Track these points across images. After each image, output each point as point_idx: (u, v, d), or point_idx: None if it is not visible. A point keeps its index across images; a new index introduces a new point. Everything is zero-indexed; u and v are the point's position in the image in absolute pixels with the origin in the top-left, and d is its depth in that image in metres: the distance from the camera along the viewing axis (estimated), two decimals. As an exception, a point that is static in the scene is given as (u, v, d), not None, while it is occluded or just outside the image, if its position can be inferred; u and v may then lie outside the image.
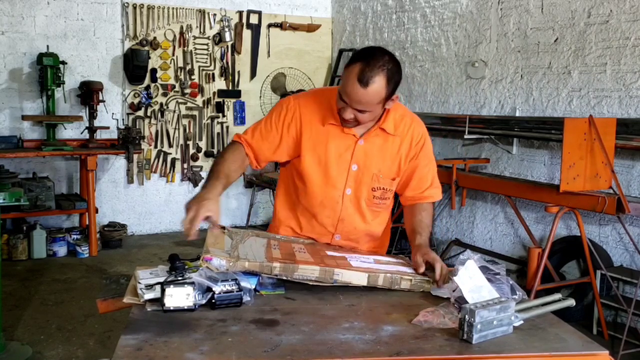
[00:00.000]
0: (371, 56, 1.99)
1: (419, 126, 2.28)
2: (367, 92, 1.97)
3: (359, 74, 1.96)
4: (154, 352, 1.47)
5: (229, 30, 6.96)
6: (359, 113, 2.05)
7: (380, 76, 1.97)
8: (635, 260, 4.34)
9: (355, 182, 2.22)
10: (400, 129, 2.23)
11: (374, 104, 2.02)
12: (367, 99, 1.99)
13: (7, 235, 5.73)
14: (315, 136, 2.20)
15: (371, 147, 2.20)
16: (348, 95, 2.01)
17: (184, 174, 6.96)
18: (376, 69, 1.96)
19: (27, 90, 6.14)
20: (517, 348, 1.56)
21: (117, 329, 3.85)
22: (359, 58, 2.00)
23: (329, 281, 1.89)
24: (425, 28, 6.19)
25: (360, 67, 1.97)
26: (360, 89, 1.97)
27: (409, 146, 2.24)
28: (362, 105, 2.02)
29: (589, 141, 3.92)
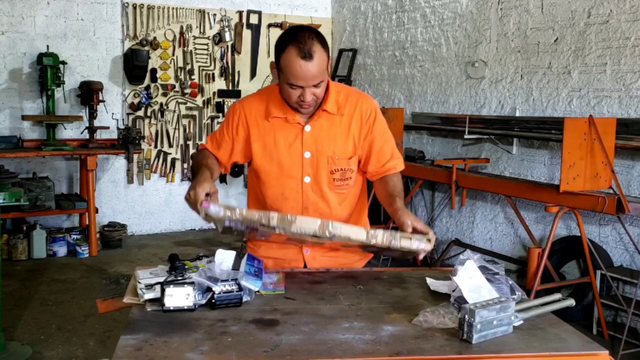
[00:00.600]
0: (296, 34, 2.04)
1: (366, 102, 2.27)
2: (316, 62, 2.01)
3: (299, 53, 2.00)
4: (154, 352, 1.47)
5: (229, 30, 6.96)
6: (316, 89, 2.08)
7: (316, 43, 2.02)
8: (635, 260, 4.34)
9: (312, 168, 2.22)
10: (347, 109, 2.23)
11: (323, 71, 2.07)
12: (318, 69, 2.03)
13: (7, 235, 5.73)
14: (263, 131, 2.24)
15: (319, 131, 2.21)
16: (300, 77, 2.03)
17: (184, 174, 6.96)
18: (309, 40, 2.01)
19: (27, 90, 6.14)
20: (517, 348, 1.56)
21: (117, 329, 3.85)
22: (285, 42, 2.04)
23: (327, 236, 1.87)
24: (425, 28, 6.19)
25: (295, 47, 2.01)
26: (308, 63, 2.01)
27: (359, 124, 2.23)
28: (317, 77, 2.05)
29: (589, 141, 3.92)
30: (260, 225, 1.88)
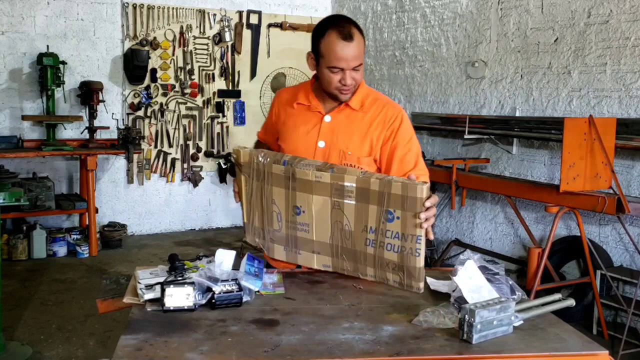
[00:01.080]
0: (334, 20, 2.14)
1: (393, 108, 2.28)
2: (357, 43, 2.10)
3: (340, 35, 2.08)
4: (154, 352, 1.47)
5: (229, 30, 6.96)
6: (356, 72, 2.14)
7: (353, 27, 2.12)
8: (635, 260, 4.34)
9: (323, 158, 2.22)
10: (372, 111, 2.25)
11: (362, 53, 2.14)
12: (359, 50, 2.11)
13: (7, 235, 5.73)
14: (287, 116, 2.33)
15: (337, 124, 2.23)
16: (343, 58, 2.10)
17: (184, 174, 6.96)
18: (346, 23, 2.11)
19: (27, 90, 6.14)
20: (517, 348, 1.56)
21: (117, 329, 3.86)
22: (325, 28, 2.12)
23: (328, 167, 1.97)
24: (425, 28, 6.19)
25: (336, 29, 2.09)
26: (350, 44, 2.09)
27: (381, 127, 2.23)
28: (358, 58, 2.12)
29: (589, 141, 3.92)
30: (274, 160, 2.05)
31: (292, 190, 2.02)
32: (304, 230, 2.02)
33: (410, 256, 1.83)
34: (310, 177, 1.97)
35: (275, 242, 2.09)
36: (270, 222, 2.09)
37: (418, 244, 1.82)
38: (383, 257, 1.89)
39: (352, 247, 1.95)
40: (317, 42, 2.13)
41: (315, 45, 2.14)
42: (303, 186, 1.99)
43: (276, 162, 2.04)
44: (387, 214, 1.86)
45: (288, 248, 2.07)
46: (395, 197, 1.84)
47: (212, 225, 7.20)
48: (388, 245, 1.87)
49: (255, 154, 2.09)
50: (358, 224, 1.93)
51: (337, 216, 1.96)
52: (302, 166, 2.00)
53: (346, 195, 1.93)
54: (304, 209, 2.00)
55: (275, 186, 2.05)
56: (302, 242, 2.04)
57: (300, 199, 2.01)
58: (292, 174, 2.00)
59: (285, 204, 2.04)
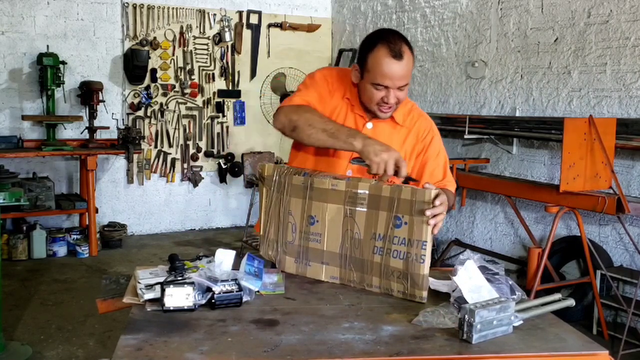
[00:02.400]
0: (386, 34, 2.05)
1: (425, 121, 2.28)
2: (406, 62, 2.04)
3: (391, 52, 2.01)
4: (154, 352, 1.47)
5: (229, 30, 6.96)
6: (400, 92, 2.08)
7: (404, 46, 2.05)
8: (635, 260, 4.34)
9: (358, 166, 2.20)
10: (408, 121, 2.24)
11: (410, 73, 2.08)
12: (406, 69, 2.05)
13: (7, 235, 5.73)
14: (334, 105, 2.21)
15: (378, 133, 2.18)
16: (389, 76, 2.03)
17: (184, 174, 6.96)
18: (398, 40, 2.04)
19: (27, 90, 6.14)
20: (517, 348, 1.56)
21: (117, 329, 3.85)
22: (375, 42, 2.04)
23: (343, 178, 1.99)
24: (425, 28, 6.19)
25: (386, 46, 2.02)
26: (399, 63, 2.02)
27: (415, 140, 2.23)
28: (403, 79, 2.06)
29: (589, 141, 3.92)
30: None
31: (308, 200, 2.05)
32: (315, 240, 2.04)
33: (415, 263, 1.84)
34: (327, 186, 2.01)
35: (287, 254, 2.11)
36: (284, 234, 2.11)
37: (423, 250, 1.82)
38: (389, 265, 1.89)
39: (360, 256, 1.96)
40: (364, 55, 2.05)
41: (362, 58, 2.06)
42: (319, 195, 2.02)
43: (297, 174, 2.08)
44: (396, 219, 1.87)
45: (299, 260, 2.09)
46: (404, 202, 1.86)
47: (212, 225, 7.20)
48: (394, 252, 1.88)
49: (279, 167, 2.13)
50: (367, 232, 1.94)
51: (348, 224, 1.98)
52: (320, 177, 2.04)
53: (359, 203, 1.95)
54: (318, 218, 2.03)
55: (294, 197, 2.08)
56: (312, 253, 2.05)
57: (315, 208, 2.03)
58: (310, 184, 2.03)
59: (301, 214, 2.06)
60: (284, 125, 2.10)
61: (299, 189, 2.07)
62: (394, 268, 1.88)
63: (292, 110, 2.11)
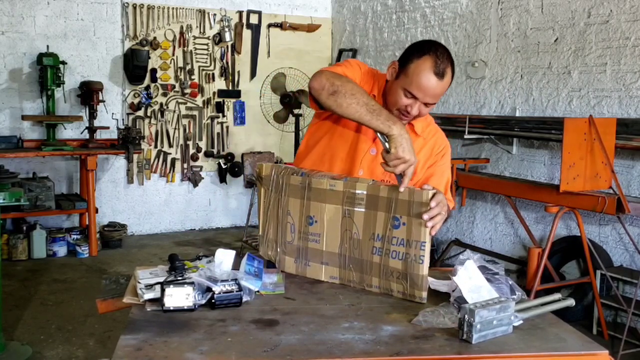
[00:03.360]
0: (436, 48, 2.00)
1: (442, 138, 2.29)
2: (443, 84, 2.01)
3: (435, 68, 1.97)
4: (154, 352, 1.47)
5: (229, 30, 6.96)
6: (424, 108, 2.06)
7: (449, 68, 2.01)
8: (635, 260, 4.34)
9: (368, 166, 2.20)
10: (426, 134, 2.25)
11: (442, 95, 2.06)
12: (442, 90, 2.03)
13: (7, 235, 5.73)
14: None
15: None
16: (423, 89, 2.00)
17: (184, 174, 6.96)
18: (446, 60, 1.99)
19: (27, 90, 6.14)
20: (517, 348, 1.56)
21: (117, 329, 3.85)
22: (423, 51, 2.00)
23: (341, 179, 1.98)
24: (425, 28, 6.18)
25: (433, 60, 1.97)
26: (438, 81, 1.99)
27: (429, 153, 2.24)
28: (436, 98, 2.03)
29: (589, 141, 3.92)
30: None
31: (307, 200, 2.05)
32: (314, 240, 2.05)
33: (414, 263, 1.84)
34: (325, 186, 2.01)
35: (287, 254, 2.11)
36: (284, 234, 2.11)
37: (422, 251, 1.82)
38: (388, 266, 1.89)
39: (359, 257, 1.96)
40: (409, 59, 2.01)
41: (406, 61, 2.03)
42: (317, 195, 2.02)
43: (294, 174, 2.09)
44: (394, 220, 1.87)
45: (299, 260, 2.09)
46: (402, 203, 1.86)
47: (212, 225, 7.20)
48: (393, 252, 1.88)
49: (277, 167, 2.14)
50: (366, 232, 1.94)
51: (347, 225, 1.98)
52: (318, 177, 2.04)
53: (357, 203, 1.95)
54: (317, 219, 2.03)
55: (292, 197, 2.08)
56: (312, 253, 2.05)
57: (314, 208, 2.03)
58: (308, 184, 2.04)
59: (300, 214, 2.06)
60: (323, 86, 2.00)
61: (297, 189, 2.07)
62: (393, 268, 1.88)
63: (335, 76, 2.03)
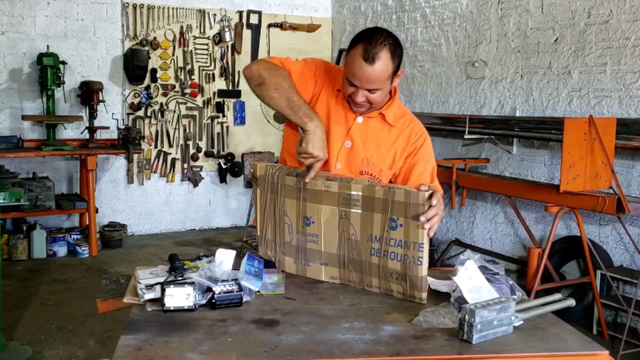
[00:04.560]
0: (371, 35, 2.03)
1: (419, 126, 2.29)
2: (375, 69, 2.00)
3: (364, 53, 1.99)
4: (154, 352, 1.47)
5: (229, 30, 6.96)
6: (370, 93, 2.07)
7: (385, 51, 2.00)
8: (635, 260, 4.34)
9: (346, 159, 2.22)
10: (400, 124, 2.24)
11: (384, 80, 2.05)
12: (376, 75, 2.02)
13: (7, 235, 5.72)
14: (326, 97, 2.22)
15: (368, 128, 2.21)
16: (357, 76, 2.03)
17: (184, 174, 6.96)
18: (379, 45, 2.00)
19: (27, 90, 6.14)
20: (517, 348, 1.56)
21: (117, 329, 3.85)
22: (359, 40, 2.04)
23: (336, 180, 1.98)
24: (425, 28, 6.19)
25: (364, 46, 2.00)
26: (367, 66, 2.00)
27: (406, 142, 2.24)
28: (372, 83, 2.04)
29: (589, 141, 3.92)
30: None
31: (302, 201, 2.04)
32: (312, 241, 2.04)
33: (412, 265, 1.83)
34: (320, 187, 2.00)
35: (286, 254, 2.11)
36: (282, 234, 2.11)
37: (420, 252, 1.82)
38: (387, 267, 1.89)
39: (358, 257, 1.96)
40: (348, 49, 2.07)
41: (347, 51, 2.08)
42: (313, 196, 2.02)
43: (289, 174, 2.08)
44: (391, 221, 1.87)
45: (298, 260, 2.09)
46: (399, 205, 1.85)
47: (212, 225, 7.20)
48: (392, 254, 1.87)
49: (271, 167, 2.13)
50: (364, 233, 1.94)
51: (344, 226, 1.97)
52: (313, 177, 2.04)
53: (353, 204, 1.95)
54: (314, 220, 2.02)
55: (288, 198, 2.08)
56: (311, 253, 2.05)
57: (310, 209, 2.03)
58: (303, 185, 2.03)
59: (297, 215, 2.06)
60: (252, 76, 2.12)
61: (293, 190, 2.06)
62: (392, 269, 1.88)
63: (267, 67, 2.14)
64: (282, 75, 2.12)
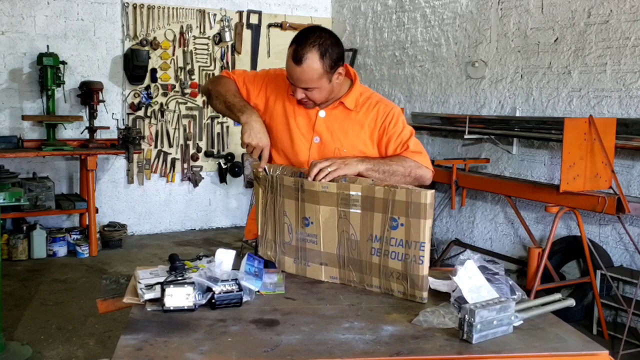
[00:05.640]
0: (303, 36, 2.10)
1: (385, 106, 2.29)
2: (303, 69, 2.08)
3: (293, 54, 2.08)
4: (154, 352, 1.47)
5: (229, 30, 6.96)
6: (308, 92, 2.14)
7: (312, 52, 2.06)
8: (635, 260, 4.34)
9: (318, 154, 2.25)
10: (364, 109, 2.26)
11: (315, 79, 2.10)
12: (306, 76, 2.09)
13: (7, 235, 5.73)
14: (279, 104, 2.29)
15: (332, 121, 2.25)
16: (290, 75, 2.13)
17: (184, 174, 6.96)
18: (307, 46, 2.07)
19: (27, 90, 6.14)
20: (517, 348, 1.56)
21: (117, 329, 3.86)
22: (293, 40, 2.12)
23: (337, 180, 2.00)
24: (425, 28, 6.19)
25: (294, 47, 2.09)
26: (296, 67, 2.08)
27: (373, 124, 2.25)
28: (303, 82, 2.11)
29: (589, 141, 3.92)
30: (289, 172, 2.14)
31: (301, 202, 2.05)
32: (312, 241, 2.04)
33: (413, 264, 1.83)
34: (317, 188, 2.00)
35: (286, 254, 2.11)
36: (282, 234, 2.11)
37: (421, 251, 1.82)
38: (387, 266, 1.89)
39: (358, 257, 1.96)
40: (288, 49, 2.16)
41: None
42: (311, 197, 2.02)
43: (288, 174, 2.10)
44: (392, 221, 1.86)
45: (298, 260, 2.09)
46: (400, 204, 1.85)
47: (212, 225, 7.20)
48: (392, 253, 1.87)
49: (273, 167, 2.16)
50: (364, 233, 1.93)
51: (343, 226, 1.97)
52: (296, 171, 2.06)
53: (352, 205, 1.95)
54: (313, 220, 2.02)
55: (287, 198, 2.08)
56: (310, 253, 2.05)
57: (309, 210, 2.03)
58: (301, 185, 2.03)
59: (296, 216, 2.07)
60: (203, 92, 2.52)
61: (291, 190, 2.06)
62: (393, 269, 1.88)
63: (213, 80, 2.40)
64: (223, 83, 2.33)
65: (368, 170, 2.08)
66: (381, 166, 2.12)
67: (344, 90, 2.26)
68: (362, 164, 2.07)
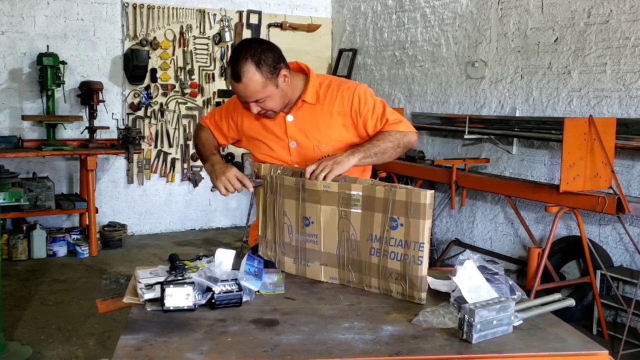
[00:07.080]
0: (236, 53, 2.13)
1: (347, 90, 2.27)
2: (245, 85, 2.10)
3: (232, 73, 2.12)
4: (154, 352, 1.47)
5: (229, 30, 6.96)
6: (261, 103, 2.16)
7: (247, 65, 2.09)
8: (635, 260, 4.34)
9: (299, 157, 2.26)
10: (328, 99, 2.26)
11: (260, 90, 2.12)
12: (250, 89, 2.11)
13: (7, 235, 5.72)
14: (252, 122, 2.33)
15: (302, 121, 2.25)
16: (237, 94, 2.17)
17: (184, 174, 6.96)
18: (241, 61, 2.09)
19: (27, 90, 6.14)
20: (517, 348, 1.56)
21: (117, 329, 3.85)
22: (230, 60, 2.16)
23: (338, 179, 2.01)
24: (425, 28, 6.19)
25: (231, 66, 2.12)
26: (238, 85, 2.11)
27: (342, 110, 2.25)
28: (251, 96, 2.13)
29: (589, 141, 3.92)
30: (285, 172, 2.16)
31: (302, 202, 2.05)
32: (312, 241, 2.05)
33: (412, 265, 1.83)
34: (319, 187, 2.00)
35: (286, 254, 2.11)
36: (282, 234, 2.11)
37: (420, 252, 1.82)
38: (387, 267, 1.89)
39: (357, 258, 1.96)
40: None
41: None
42: (312, 197, 2.02)
43: (289, 175, 2.10)
44: (392, 221, 1.86)
45: (297, 260, 2.09)
46: (400, 204, 1.85)
47: (212, 225, 7.20)
48: (392, 253, 1.87)
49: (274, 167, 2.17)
50: (364, 233, 1.93)
51: (344, 226, 1.97)
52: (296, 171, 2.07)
53: (353, 204, 1.95)
54: (313, 220, 2.03)
55: (287, 198, 2.08)
56: (310, 254, 2.05)
57: (309, 209, 2.03)
58: (302, 185, 2.04)
59: (296, 216, 2.07)
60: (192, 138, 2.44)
61: (292, 190, 2.06)
62: (392, 269, 1.88)
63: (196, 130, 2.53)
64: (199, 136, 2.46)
65: (361, 160, 2.09)
66: (371, 150, 2.13)
67: (301, 87, 2.25)
68: (353, 156, 2.07)
